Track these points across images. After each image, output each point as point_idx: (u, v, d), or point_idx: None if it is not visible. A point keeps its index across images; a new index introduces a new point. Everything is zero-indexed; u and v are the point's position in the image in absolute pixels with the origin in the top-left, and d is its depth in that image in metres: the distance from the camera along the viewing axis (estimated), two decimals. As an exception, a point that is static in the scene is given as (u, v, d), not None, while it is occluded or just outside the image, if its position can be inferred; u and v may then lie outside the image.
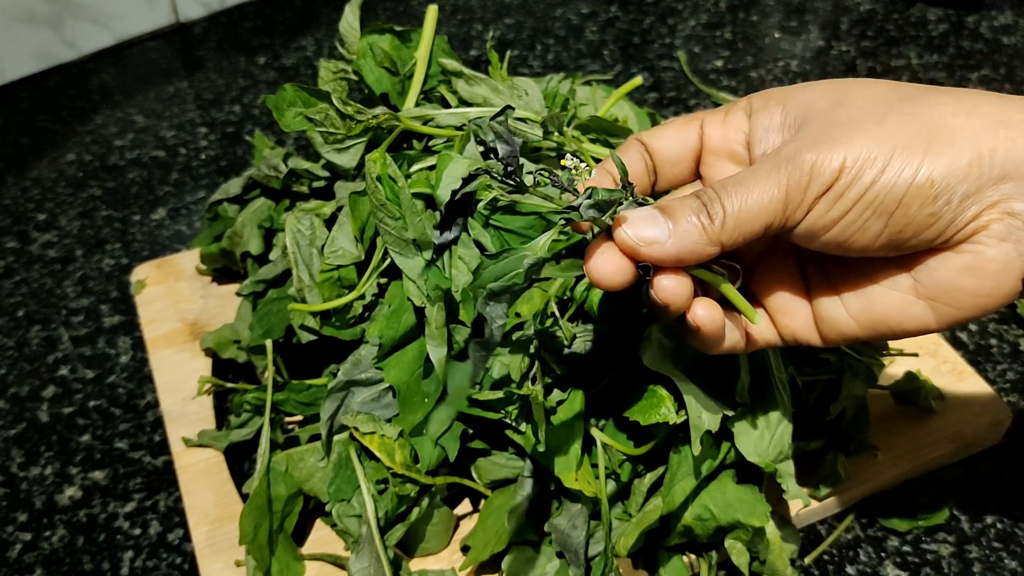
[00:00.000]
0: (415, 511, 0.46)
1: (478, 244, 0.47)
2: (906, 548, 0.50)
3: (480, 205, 0.47)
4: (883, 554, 0.50)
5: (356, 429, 0.46)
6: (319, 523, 0.50)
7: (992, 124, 0.31)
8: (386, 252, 0.48)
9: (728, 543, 0.44)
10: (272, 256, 0.56)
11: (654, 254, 0.32)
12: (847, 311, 0.35)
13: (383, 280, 0.49)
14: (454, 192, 0.32)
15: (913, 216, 0.31)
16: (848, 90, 0.33)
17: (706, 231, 0.32)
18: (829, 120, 0.32)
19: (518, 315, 0.45)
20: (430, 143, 0.52)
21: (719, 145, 0.37)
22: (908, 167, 0.31)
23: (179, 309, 0.62)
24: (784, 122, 0.35)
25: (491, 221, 0.47)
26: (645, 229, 0.32)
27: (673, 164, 0.38)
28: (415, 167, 0.50)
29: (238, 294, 0.56)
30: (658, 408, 0.43)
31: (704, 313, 0.34)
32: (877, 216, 0.31)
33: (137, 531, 0.52)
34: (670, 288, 0.33)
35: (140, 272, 0.65)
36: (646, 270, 0.33)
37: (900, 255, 0.33)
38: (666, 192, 0.41)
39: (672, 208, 0.33)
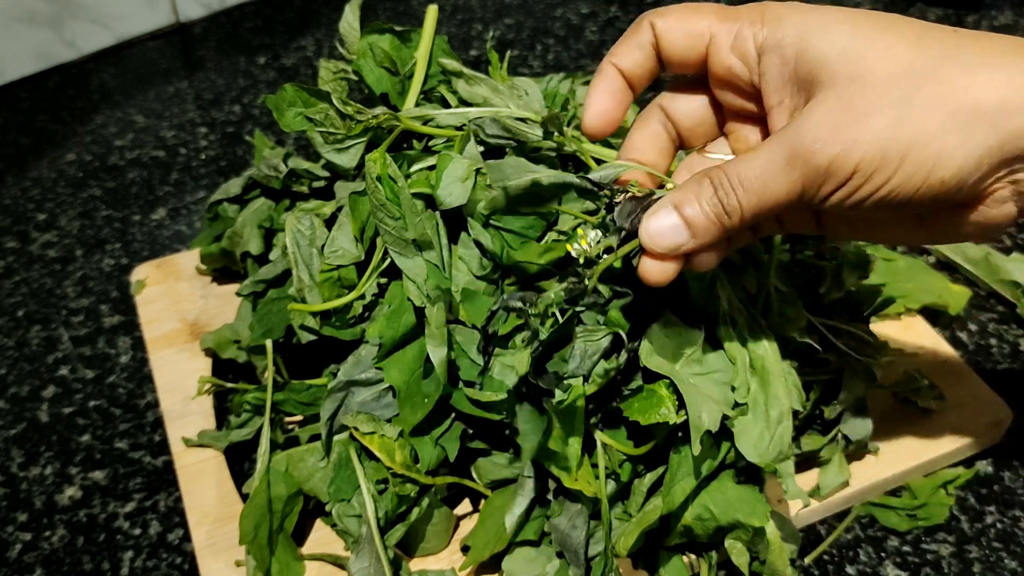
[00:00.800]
0: (415, 511, 0.46)
1: (478, 244, 0.47)
2: (906, 548, 0.50)
3: (480, 205, 0.47)
4: (883, 554, 0.50)
5: (356, 429, 0.46)
6: (319, 523, 0.50)
7: (1014, 109, 0.31)
8: (386, 252, 0.48)
9: (728, 543, 0.44)
10: (272, 256, 0.56)
11: (683, 252, 0.36)
12: (852, 230, 0.39)
13: (383, 280, 0.49)
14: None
15: (928, 204, 0.33)
16: (865, 56, 0.33)
17: (725, 227, 0.35)
18: (845, 105, 0.32)
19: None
20: (430, 143, 0.52)
21: (725, 57, 0.38)
22: (919, 170, 0.32)
23: (179, 309, 0.62)
24: (797, 76, 0.35)
25: (491, 222, 0.47)
26: (668, 240, 0.36)
27: (680, 54, 0.39)
28: (415, 167, 0.50)
29: (238, 294, 0.56)
30: (658, 408, 0.43)
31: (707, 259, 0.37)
32: (891, 206, 0.33)
33: (137, 531, 0.52)
34: (699, 261, 0.37)
35: (140, 272, 0.65)
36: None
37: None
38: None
39: (688, 205, 0.35)
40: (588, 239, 0.37)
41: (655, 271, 0.36)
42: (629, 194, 0.38)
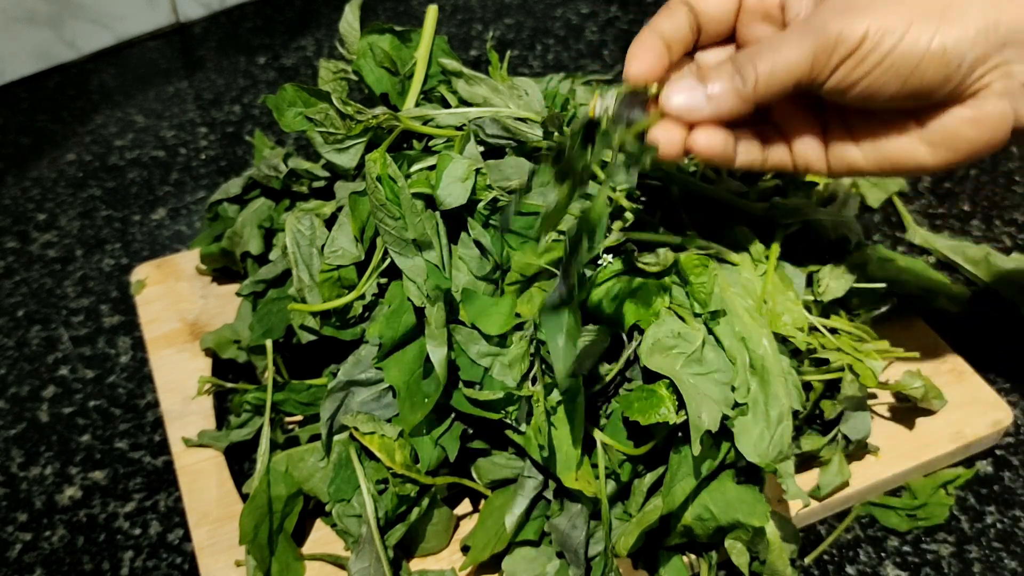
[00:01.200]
0: (415, 511, 0.46)
1: (478, 244, 0.47)
2: (906, 548, 0.50)
3: (480, 205, 0.47)
4: (883, 554, 0.50)
5: (356, 429, 0.46)
6: (319, 523, 0.50)
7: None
8: (386, 252, 0.48)
9: (728, 543, 0.44)
10: (272, 256, 0.56)
11: (697, 117, 0.38)
12: (860, 150, 0.41)
13: (383, 280, 0.49)
14: None
15: (929, 79, 0.36)
16: None
17: (739, 93, 0.37)
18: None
19: (518, 315, 0.45)
20: (430, 143, 0.52)
21: (755, 6, 0.42)
22: (923, 36, 0.35)
23: (179, 309, 0.62)
24: None
25: (491, 221, 0.47)
26: (684, 97, 0.38)
27: (717, 23, 0.42)
28: (415, 167, 0.50)
29: (238, 294, 0.56)
30: (658, 408, 0.43)
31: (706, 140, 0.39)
32: (895, 77, 0.36)
33: (137, 531, 0.52)
34: (703, 141, 0.39)
35: (140, 272, 0.65)
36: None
37: (915, 108, 0.38)
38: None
39: (710, 75, 0.38)
40: (607, 99, 0.39)
41: (665, 139, 0.38)
42: (631, 89, 0.40)
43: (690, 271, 0.45)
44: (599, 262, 0.45)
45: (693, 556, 0.47)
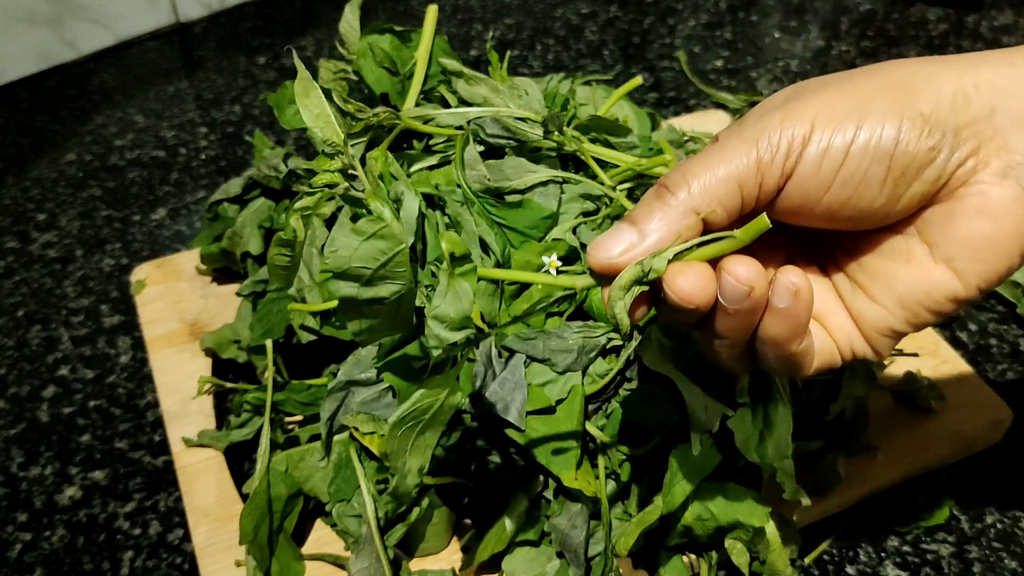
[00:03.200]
0: (415, 511, 0.46)
1: (481, 242, 0.47)
2: (906, 548, 0.50)
3: (482, 202, 0.47)
4: (883, 554, 0.50)
5: (356, 429, 0.46)
6: (319, 523, 0.50)
7: (970, 63, 0.30)
8: (386, 252, 0.48)
9: (728, 543, 0.44)
10: (272, 256, 0.56)
11: (634, 258, 0.30)
12: (877, 302, 0.32)
13: (383, 280, 0.49)
14: None
15: (914, 153, 0.29)
16: (805, 82, 0.32)
17: (674, 209, 0.30)
18: (791, 96, 0.31)
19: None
20: (430, 143, 0.52)
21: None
22: (892, 109, 0.29)
23: (179, 309, 0.62)
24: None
25: (495, 219, 0.47)
26: (612, 244, 0.30)
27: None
28: (415, 166, 0.50)
29: (238, 294, 0.56)
30: (657, 408, 0.43)
31: (796, 279, 0.29)
32: (878, 161, 0.29)
33: (137, 531, 0.52)
34: (686, 284, 0.29)
35: (140, 272, 0.65)
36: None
37: (906, 218, 0.31)
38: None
39: (634, 211, 0.31)
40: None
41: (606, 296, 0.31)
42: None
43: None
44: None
45: (693, 556, 0.47)
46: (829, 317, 0.33)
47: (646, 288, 0.30)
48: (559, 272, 0.41)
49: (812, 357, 0.32)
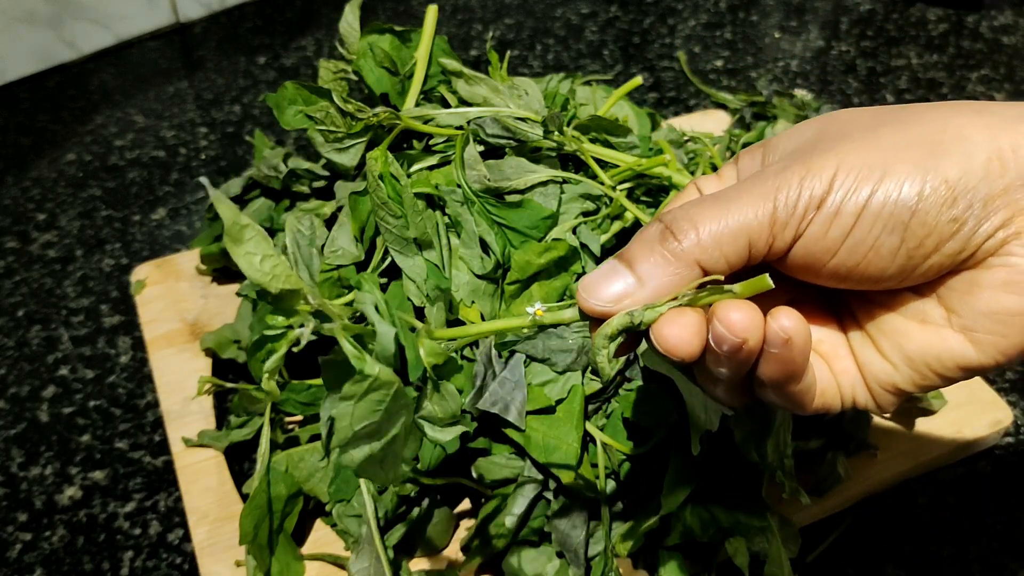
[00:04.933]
0: (415, 511, 0.46)
1: (481, 241, 0.47)
2: (906, 548, 0.50)
3: (482, 202, 0.47)
4: (883, 554, 0.50)
5: (356, 429, 0.46)
6: (319, 523, 0.50)
7: (1008, 120, 0.27)
8: (386, 252, 0.48)
9: (728, 543, 0.44)
10: (272, 256, 0.56)
11: (628, 307, 0.28)
12: (882, 356, 0.30)
13: (383, 280, 0.49)
14: None
15: (933, 224, 0.26)
16: (833, 116, 0.30)
17: (678, 259, 0.28)
18: (816, 138, 0.29)
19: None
20: (430, 143, 0.52)
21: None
22: (915, 170, 0.26)
23: (179, 309, 0.62)
24: (765, 158, 0.31)
25: (496, 219, 0.47)
26: (606, 289, 0.28)
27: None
28: (415, 167, 0.50)
29: (238, 294, 0.56)
30: (657, 408, 0.43)
31: (789, 323, 0.27)
32: (890, 230, 0.27)
33: (137, 531, 0.52)
34: (673, 336, 0.27)
35: (140, 272, 0.65)
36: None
37: (924, 282, 0.29)
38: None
39: (631, 249, 0.29)
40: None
41: (673, 342, 0.28)
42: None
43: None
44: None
45: (693, 556, 0.47)
46: (835, 361, 0.32)
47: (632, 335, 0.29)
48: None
49: (813, 396, 0.31)
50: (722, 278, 0.28)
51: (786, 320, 0.27)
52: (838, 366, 0.32)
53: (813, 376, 0.30)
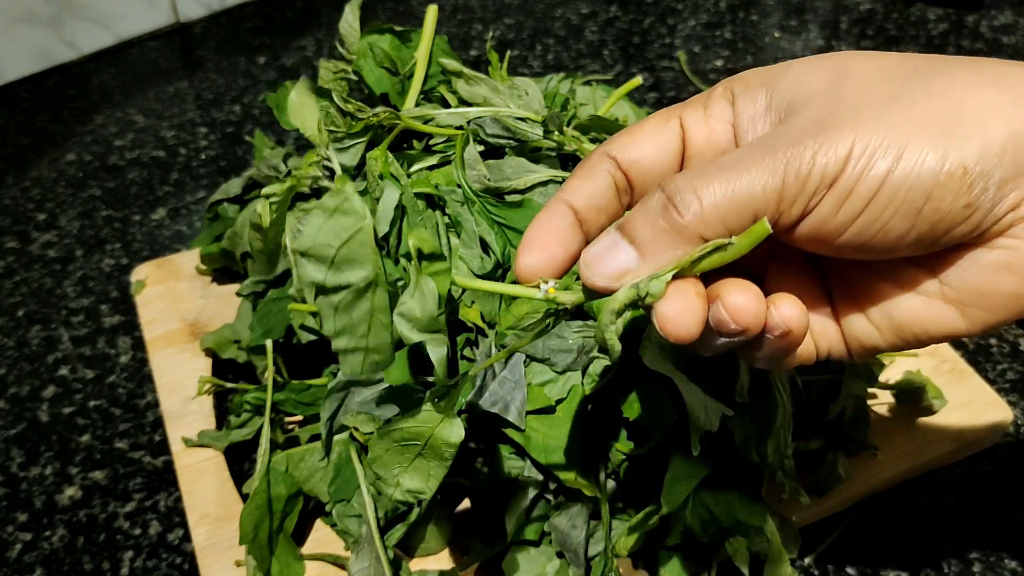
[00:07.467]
0: (415, 511, 0.46)
1: (481, 241, 0.47)
2: (906, 548, 0.50)
3: (482, 201, 0.47)
4: (883, 554, 0.50)
5: (356, 429, 0.46)
6: (319, 523, 0.50)
7: None
8: (386, 252, 0.48)
9: (728, 543, 0.44)
10: (272, 256, 0.56)
11: (632, 281, 0.28)
12: (867, 319, 0.30)
13: (383, 280, 0.49)
14: None
15: (947, 211, 0.26)
16: (846, 65, 0.29)
17: (680, 232, 0.27)
18: (830, 101, 0.28)
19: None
20: (430, 143, 0.52)
21: (704, 146, 0.31)
22: (932, 153, 0.26)
23: (179, 309, 0.62)
24: (771, 105, 0.30)
25: (496, 218, 0.47)
26: (609, 264, 0.28)
27: (654, 177, 0.31)
28: (416, 166, 0.50)
29: (238, 294, 0.56)
30: (657, 408, 0.43)
31: (790, 312, 0.27)
32: (902, 215, 0.26)
33: (137, 531, 0.52)
34: (676, 315, 0.27)
35: (140, 272, 0.65)
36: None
37: (923, 255, 0.28)
38: None
39: (633, 222, 0.28)
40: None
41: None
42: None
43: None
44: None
45: (693, 556, 0.47)
46: (815, 320, 0.32)
47: (639, 312, 0.28)
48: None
49: (793, 359, 0.31)
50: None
51: (787, 309, 0.27)
52: (818, 326, 0.31)
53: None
